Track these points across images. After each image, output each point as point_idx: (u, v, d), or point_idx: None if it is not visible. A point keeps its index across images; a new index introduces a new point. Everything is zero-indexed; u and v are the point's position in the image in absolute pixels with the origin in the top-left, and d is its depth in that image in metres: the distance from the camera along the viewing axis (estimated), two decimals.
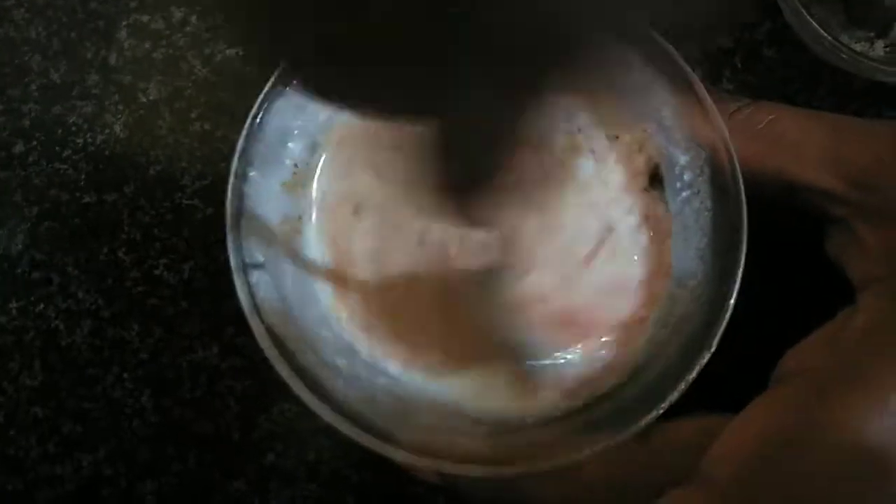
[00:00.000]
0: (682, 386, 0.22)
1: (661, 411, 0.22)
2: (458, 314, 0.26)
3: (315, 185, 0.27)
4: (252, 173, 0.25)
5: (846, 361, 0.21)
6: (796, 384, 0.22)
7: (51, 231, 0.31)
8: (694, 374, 0.22)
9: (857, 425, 0.19)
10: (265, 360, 0.23)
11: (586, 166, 0.27)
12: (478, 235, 0.26)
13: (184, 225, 0.31)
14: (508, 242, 0.26)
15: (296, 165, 0.26)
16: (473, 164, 0.19)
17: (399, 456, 0.22)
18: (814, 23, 0.29)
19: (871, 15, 0.32)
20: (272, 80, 0.25)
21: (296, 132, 0.26)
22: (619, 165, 0.27)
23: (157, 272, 0.31)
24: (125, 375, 0.30)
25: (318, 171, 0.27)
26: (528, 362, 0.25)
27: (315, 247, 0.26)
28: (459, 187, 0.20)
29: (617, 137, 0.27)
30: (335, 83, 0.16)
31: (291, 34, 0.15)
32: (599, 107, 0.27)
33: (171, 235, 0.31)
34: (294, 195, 0.26)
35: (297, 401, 0.23)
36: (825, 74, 0.32)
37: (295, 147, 0.26)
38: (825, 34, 0.29)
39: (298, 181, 0.26)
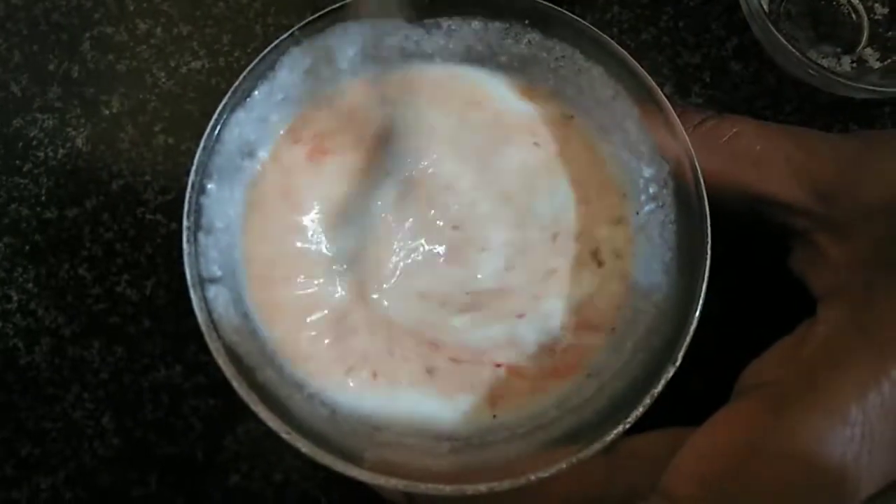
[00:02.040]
0: (648, 400, 0.22)
1: (627, 426, 0.22)
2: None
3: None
4: (210, 186, 0.24)
5: (805, 374, 0.21)
6: (756, 397, 0.21)
7: (10, 247, 0.31)
8: (659, 387, 0.22)
9: (815, 437, 0.19)
10: None
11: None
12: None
13: (146, 240, 0.31)
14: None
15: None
16: None
17: (361, 475, 0.21)
18: (782, 38, 0.29)
19: (838, 31, 0.33)
20: (231, 91, 0.25)
21: (256, 144, 0.26)
22: None
23: (118, 289, 0.30)
24: (85, 395, 0.29)
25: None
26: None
27: None
28: None
29: None
30: None
31: None
32: None
33: (134, 251, 0.30)
34: None
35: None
36: (792, 89, 0.32)
37: (255, 159, 0.26)
38: (793, 50, 0.29)
39: None
